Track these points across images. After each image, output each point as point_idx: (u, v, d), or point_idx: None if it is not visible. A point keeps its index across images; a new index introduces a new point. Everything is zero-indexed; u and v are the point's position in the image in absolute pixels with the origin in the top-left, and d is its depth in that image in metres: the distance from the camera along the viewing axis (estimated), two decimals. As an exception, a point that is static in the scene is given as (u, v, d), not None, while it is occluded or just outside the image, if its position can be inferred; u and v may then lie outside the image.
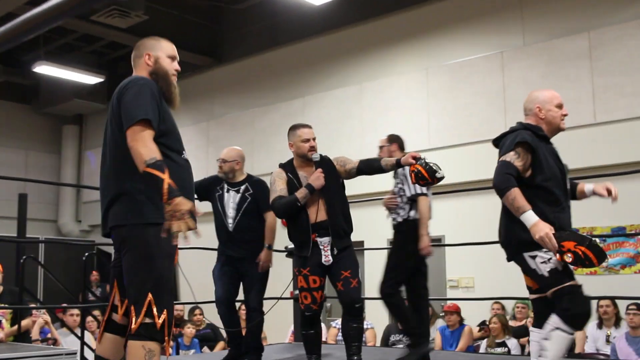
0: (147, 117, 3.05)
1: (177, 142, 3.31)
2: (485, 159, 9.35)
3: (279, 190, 4.67)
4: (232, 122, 12.77)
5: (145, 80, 3.24)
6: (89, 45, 13.63)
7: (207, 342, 9.21)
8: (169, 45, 3.49)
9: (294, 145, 4.80)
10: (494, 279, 9.07)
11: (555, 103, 3.99)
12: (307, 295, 4.68)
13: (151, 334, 3.00)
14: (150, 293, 3.01)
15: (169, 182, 2.91)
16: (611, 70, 8.57)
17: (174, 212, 2.88)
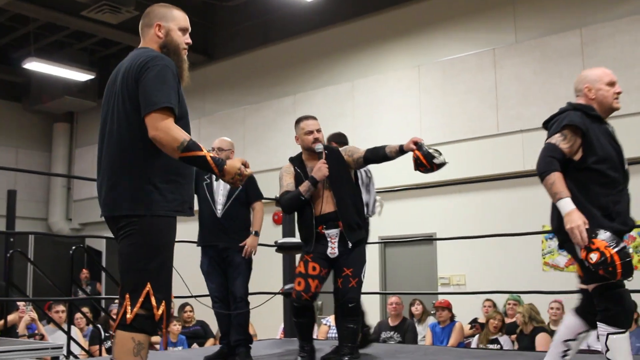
0: (170, 105, 2.88)
1: (187, 128, 3.06)
2: (477, 156, 9.39)
3: (286, 185, 4.61)
4: (223, 119, 12.73)
5: (166, 61, 2.99)
6: (79, 42, 13.56)
7: (197, 339, 9.14)
8: (181, 15, 3.24)
9: (299, 139, 4.74)
10: (485, 276, 9.06)
11: (605, 81, 3.79)
12: (301, 281, 4.51)
13: (145, 326, 2.87)
14: (149, 283, 2.88)
15: (210, 156, 2.86)
16: (604, 66, 8.51)
17: (234, 177, 2.91)
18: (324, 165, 4.52)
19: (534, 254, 8.83)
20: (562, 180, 3.41)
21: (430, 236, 9.62)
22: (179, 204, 2.99)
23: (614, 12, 8.60)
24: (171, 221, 2.97)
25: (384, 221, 10.23)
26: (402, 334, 8.17)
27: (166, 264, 2.97)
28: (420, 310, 8.74)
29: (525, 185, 8.75)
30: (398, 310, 8.39)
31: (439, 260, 9.69)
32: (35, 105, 14.94)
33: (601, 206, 3.40)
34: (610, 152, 3.57)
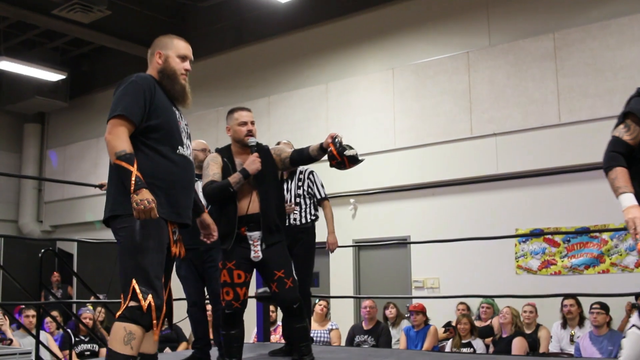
0: (124, 113, 3.16)
1: (171, 138, 3.35)
2: (450, 159, 9.41)
3: (212, 174, 4.37)
4: (196, 120, 12.62)
5: (136, 77, 3.32)
6: (50, 42, 13.39)
7: (169, 343, 9.06)
8: (181, 44, 3.58)
9: (230, 129, 4.52)
10: (459, 279, 9.08)
11: None
12: (229, 290, 4.34)
13: (135, 317, 3.07)
14: (134, 279, 3.10)
15: (137, 174, 3.06)
16: (575, 71, 8.62)
17: (139, 201, 3.03)
18: (258, 160, 4.35)
19: (507, 257, 8.87)
20: (625, 175, 3.20)
21: (404, 239, 9.63)
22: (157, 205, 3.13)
23: (586, 17, 8.67)
24: (149, 221, 3.12)
25: (357, 225, 10.32)
26: (376, 337, 8.16)
27: (148, 262, 3.14)
28: (395, 313, 8.74)
29: (499, 188, 8.79)
30: (372, 314, 8.38)
31: (413, 264, 9.69)
32: (5, 105, 14.72)
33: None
34: None
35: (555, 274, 8.53)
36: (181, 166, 3.37)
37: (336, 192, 8.98)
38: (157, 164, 3.24)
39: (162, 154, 3.28)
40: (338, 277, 10.28)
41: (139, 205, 3.02)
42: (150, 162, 3.22)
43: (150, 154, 3.25)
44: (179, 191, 3.33)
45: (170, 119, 3.38)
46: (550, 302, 7.64)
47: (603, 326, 7.00)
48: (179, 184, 3.34)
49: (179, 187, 3.34)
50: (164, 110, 3.35)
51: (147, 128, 3.26)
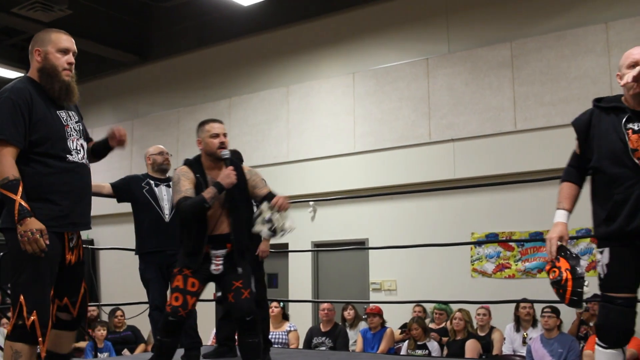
0: (5, 138, 3.04)
1: (57, 147, 3.20)
2: (409, 164, 9.55)
3: (184, 190, 4.13)
4: (157, 121, 12.61)
5: (9, 92, 3.13)
6: (9, 39, 13.22)
7: (128, 345, 9.05)
8: (60, 37, 3.30)
9: (202, 142, 4.29)
10: (416, 282, 9.22)
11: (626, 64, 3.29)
12: (178, 296, 4.12)
13: (19, 335, 3.05)
14: (21, 295, 3.05)
15: (21, 202, 2.98)
16: (531, 79, 8.83)
17: (24, 232, 2.97)
18: (233, 173, 4.16)
19: (463, 260, 9.02)
20: (566, 190, 3.37)
21: (362, 242, 9.74)
22: (49, 219, 3.11)
23: (542, 27, 8.88)
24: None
25: (316, 227, 10.40)
26: (334, 339, 8.25)
27: (37, 275, 3.08)
28: (353, 315, 8.83)
29: (456, 193, 8.94)
30: (330, 316, 8.47)
31: (371, 266, 9.81)
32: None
33: (605, 208, 3.23)
34: (613, 146, 3.23)
35: (509, 277, 8.73)
36: (72, 174, 3.25)
37: (295, 194, 9.07)
38: (47, 177, 3.13)
39: (51, 166, 3.16)
40: (297, 279, 10.36)
41: (23, 237, 2.97)
42: (39, 177, 3.11)
43: (38, 167, 3.13)
44: (73, 201, 3.23)
45: (54, 129, 3.20)
46: (502, 305, 7.80)
47: (554, 329, 7.19)
48: (72, 194, 3.23)
49: (73, 196, 3.24)
50: (45, 122, 3.17)
51: (31, 143, 3.12)
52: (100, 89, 13.11)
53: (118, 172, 12.40)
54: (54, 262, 3.17)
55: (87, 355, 8.70)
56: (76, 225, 3.28)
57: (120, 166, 12.53)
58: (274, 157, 10.70)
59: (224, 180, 4.13)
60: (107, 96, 12.82)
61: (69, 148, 3.25)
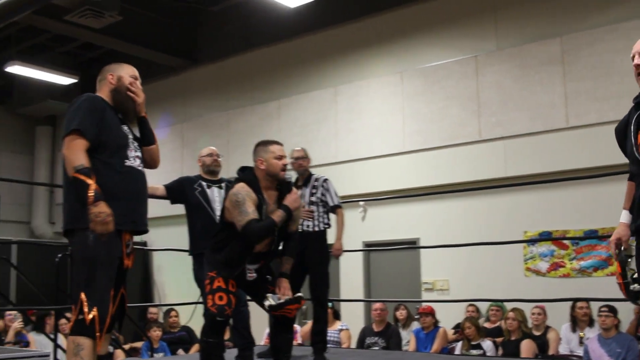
0: (79, 128, 3.33)
1: (120, 153, 3.50)
2: (459, 162, 9.48)
3: (252, 212, 4.11)
4: (207, 123, 12.74)
5: (87, 96, 3.49)
6: (62, 46, 13.51)
7: (183, 345, 9.18)
8: (131, 68, 3.74)
9: (264, 162, 4.28)
10: (468, 281, 9.15)
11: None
12: (222, 295, 4.20)
13: (80, 329, 3.23)
14: (82, 291, 3.25)
15: (95, 187, 3.21)
16: (583, 75, 8.68)
17: (97, 214, 3.18)
18: (299, 199, 4.30)
19: (516, 259, 8.93)
20: (627, 189, 3.32)
21: (414, 242, 9.71)
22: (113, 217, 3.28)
23: (593, 21, 8.72)
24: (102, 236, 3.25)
25: (367, 227, 10.40)
26: (387, 339, 8.26)
27: (99, 273, 3.29)
28: (405, 315, 8.82)
29: (507, 191, 8.87)
30: (382, 316, 8.48)
31: (423, 266, 9.77)
32: (18, 108, 14.87)
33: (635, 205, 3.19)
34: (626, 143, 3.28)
35: (564, 276, 8.60)
36: (132, 177, 3.52)
37: (346, 194, 9.09)
38: (109, 177, 3.38)
39: (113, 168, 3.43)
40: (348, 279, 10.37)
41: (96, 217, 3.18)
42: (102, 176, 3.34)
43: (101, 168, 3.37)
44: (132, 201, 3.49)
45: (119, 136, 3.54)
46: (559, 304, 7.70)
47: (611, 329, 7.07)
48: (132, 196, 3.50)
49: (132, 198, 3.51)
50: (112, 129, 3.51)
51: (99, 144, 3.41)
52: (150, 93, 13.17)
53: (170, 175, 12.55)
54: (115, 261, 3.39)
55: (143, 355, 8.85)
56: (136, 224, 3.52)
57: (172, 169, 12.70)
58: (323, 157, 10.72)
59: (291, 205, 4.22)
60: (157, 100, 12.99)
61: (128, 155, 3.54)
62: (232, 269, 4.27)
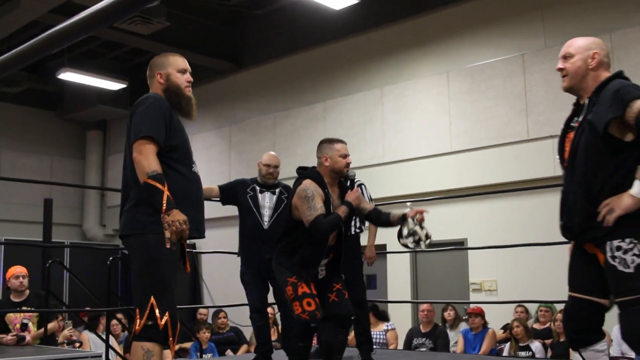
0: (151, 134, 3.29)
1: (187, 156, 3.51)
2: (507, 162, 9.39)
3: (320, 208, 4.25)
4: (253, 126, 12.84)
5: (154, 99, 3.43)
6: (111, 52, 13.77)
7: (231, 346, 9.27)
8: (177, 59, 3.63)
9: (329, 159, 4.45)
10: (516, 282, 9.06)
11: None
12: (310, 301, 4.32)
13: (151, 335, 3.20)
14: (152, 296, 3.21)
15: (168, 194, 3.20)
16: (634, 71, 8.46)
17: (172, 222, 3.17)
18: (360, 195, 4.48)
19: (565, 259, 8.78)
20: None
21: (461, 242, 9.65)
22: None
23: (644, 16, 8.57)
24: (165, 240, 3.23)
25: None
26: (434, 340, 8.22)
27: (166, 278, 3.28)
28: (453, 316, 8.77)
29: (555, 191, 8.71)
30: (429, 317, 8.44)
31: (471, 266, 9.70)
32: (69, 113, 15.20)
33: None
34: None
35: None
36: (196, 183, 3.52)
37: (393, 195, 9.08)
38: (177, 183, 3.35)
39: (181, 173, 3.42)
40: (395, 280, 10.35)
41: (171, 225, 3.17)
42: (171, 181, 3.30)
43: (169, 172, 3.34)
44: (196, 208, 3.47)
45: (185, 139, 3.53)
46: (610, 306, 7.57)
47: (664, 330, 6.92)
48: (196, 201, 3.49)
49: (196, 204, 3.49)
50: (181, 131, 3.50)
51: (168, 148, 3.38)
52: (198, 97, 13.30)
53: (217, 177, 12.73)
54: (177, 266, 3.39)
55: (192, 356, 8.97)
56: (199, 231, 3.50)
57: (219, 171, 12.85)
58: (370, 158, 10.72)
59: (354, 201, 4.38)
60: (205, 104, 13.12)
61: (193, 159, 3.56)
62: (310, 268, 4.39)
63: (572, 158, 3.21)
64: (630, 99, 2.98)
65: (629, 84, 3.12)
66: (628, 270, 2.96)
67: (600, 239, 3.04)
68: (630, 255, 2.95)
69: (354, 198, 4.38)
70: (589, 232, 3.10)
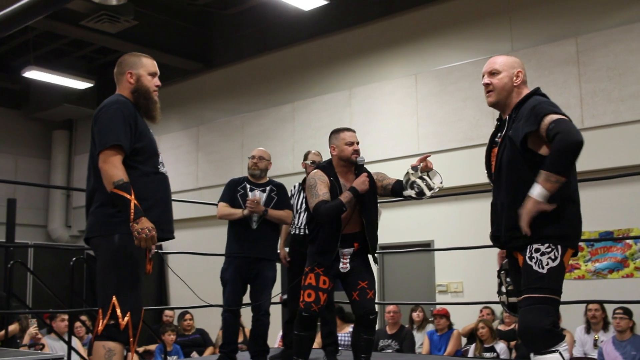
0: (117, 143, 3.31)
1: (153, 158, 3.53)
2: (474, 164, 9.41)
3: (322, 194, 4.39)
4: (222, 127, 12.78)
5: (118, 104, 3.43)
6: (78, 51, 13.62)
7: (197, 348, 9.20)
8: (149, 62, 3.64)
9: (336, 149, 4.61)
10: (482, 283, 9.09)
11: None
12: (311, 292, 4.44)
13: (112, 334, 3.23)
14: (114, 296, 3.24)
15: (135, 203, 3.23)
16: (598, 75, 8.63)
17: (140, 230, 3.19)
18: (367, 180, 4.47)
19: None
20: None
21: (428, 244, 9.68)
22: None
23: (608, 21, 8.67)
24: (131, 239, 3.24)
25: (382, 229, 10.31)
26: (400, 342, 8.24)
27: (130, 278, 3.31)
28: (422, 317, 8.79)
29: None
30: (395, 319, 8.46)
31: (437, 268, 9.74)
32: (34, 112, 14.99)
33: None
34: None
35: (578, 278, 8.55)
36: (163, 184, 3.55)
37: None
38: (144, 185, 3.38)
39: (148, 174, 3.44)
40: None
41: (140, 234, 3.19)
42: (138, 183, 3.34)
43: (136, 175, 3.36)
44: (162, 208, 3.49)
45: (151, 140, 3.54)
46: (573, 307, 7.65)
47: (626, 331, 7.02)
48: (162, 202, 3.50)
49: (163, 204, 3.50)
50: (146, 132, 3.51)
51: (133, 151, 3.40)
52: (166, 97, 13.22)
53: (185, 177, 12.67)
54: (143, 267, 3.40)
55: (157, 358, 8.89)
56: (163, 231, 3.48)
57: (187, 172, 12.77)
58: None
59: (359, 187, 4.42)
60: (173, 104, 13.04)
61: (160, 161, 3.57)
62: (326, 254, 4.45)
63: (497, 172, 3.38)
64: (544, 114, 3.14)
65: (544, 100, 3.28)
66: (541, 270, 3.11)
67: (523, 247, 3.19)
68: (546, 258, 3.11)
69: (360, 183, 4.42)
70: (514, 241, 3.25)
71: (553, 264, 3.10)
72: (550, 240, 3.12)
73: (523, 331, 3.13)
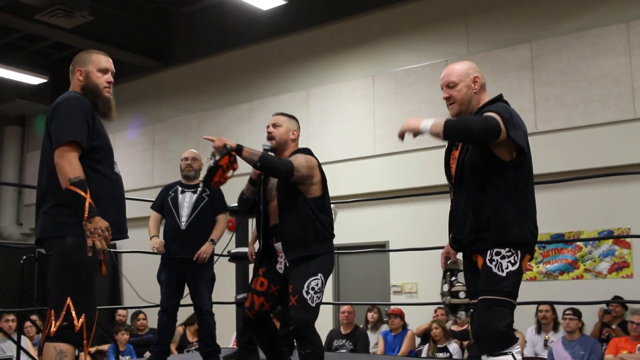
0: (74, 139, 3.23)
1: (109, 157, 3.46)
2: (429, 166, 9.51)
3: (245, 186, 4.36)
4: (178, 125, 12.68)
5: (76, 100, 3.35)
6: (32, 45, 13.37)
7: (150, 347, 9.10)
8: (100, 58, 3.54)
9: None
10: (437, 284, 9.14)
11: None
12: (247, 296, 4.20)
13: (65, 336, 3.16)
14: (69, 297, 3.17)
15: (90, 202, 3.15)
16: (552, 80, 8.78)
17: (94, 229, 3.14)
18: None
19: (483, 262, 8.98)
20: None
21: (383, 245, 9.73)
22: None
23: (562, 28, 8.83)
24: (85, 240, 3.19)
25: (337, 230, 10.34)
26: (354, 342, 8.26)
27: (85, 280, 3.25)
28: (377, 317, 8.83)
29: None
30: (350, 319, 8.48)
31: (392, 269, 9.80)
32: (-15, 108, 14.70)
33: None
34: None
35: (530, 279, 8.68)
36: (119, 184, 3.49)
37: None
38: (99, 184, 3.31)
39: (103, 174, 3.37)
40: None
41: (93, 233, 3.14)
42: (93, 182, 3.26)
43: (91, 173, 3.29)
44: (118, 208, 3.45)
45: (107, 139, 3.47)
46: (524, 307, 7.76)
47: (575, 332, 7.15)
48: (118, 202, 3.46)
49: (118, 204, 3.46)
50: (102, 130, 3.44)
51: (91, 149, 3.33)
52: (121, 94, 13.14)
53: (139, 176, 12.53)
54: (96, 268, 3.32)
55: (110, 358, 8.78)
56: (121, 232, 3.45)
57: (141, 170, 12.64)
58: (294, 160, 10.71)
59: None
60: (128, 101, 12.89)
61: (114, 161, 3.51)
62: (260, 252, 4.21)
63: (459, 174, 3.38)
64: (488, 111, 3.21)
65: (503, 106, 3.31)
66: (501, 273, 3.16)
67: (484, 250, 3.22)
68: (506, 262, 3.17)
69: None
70: (477, 244, 3.26)
71: (512, 268, 3.15)
72: (510, 246, 3.18)
73: (478, 331, 3.18)
